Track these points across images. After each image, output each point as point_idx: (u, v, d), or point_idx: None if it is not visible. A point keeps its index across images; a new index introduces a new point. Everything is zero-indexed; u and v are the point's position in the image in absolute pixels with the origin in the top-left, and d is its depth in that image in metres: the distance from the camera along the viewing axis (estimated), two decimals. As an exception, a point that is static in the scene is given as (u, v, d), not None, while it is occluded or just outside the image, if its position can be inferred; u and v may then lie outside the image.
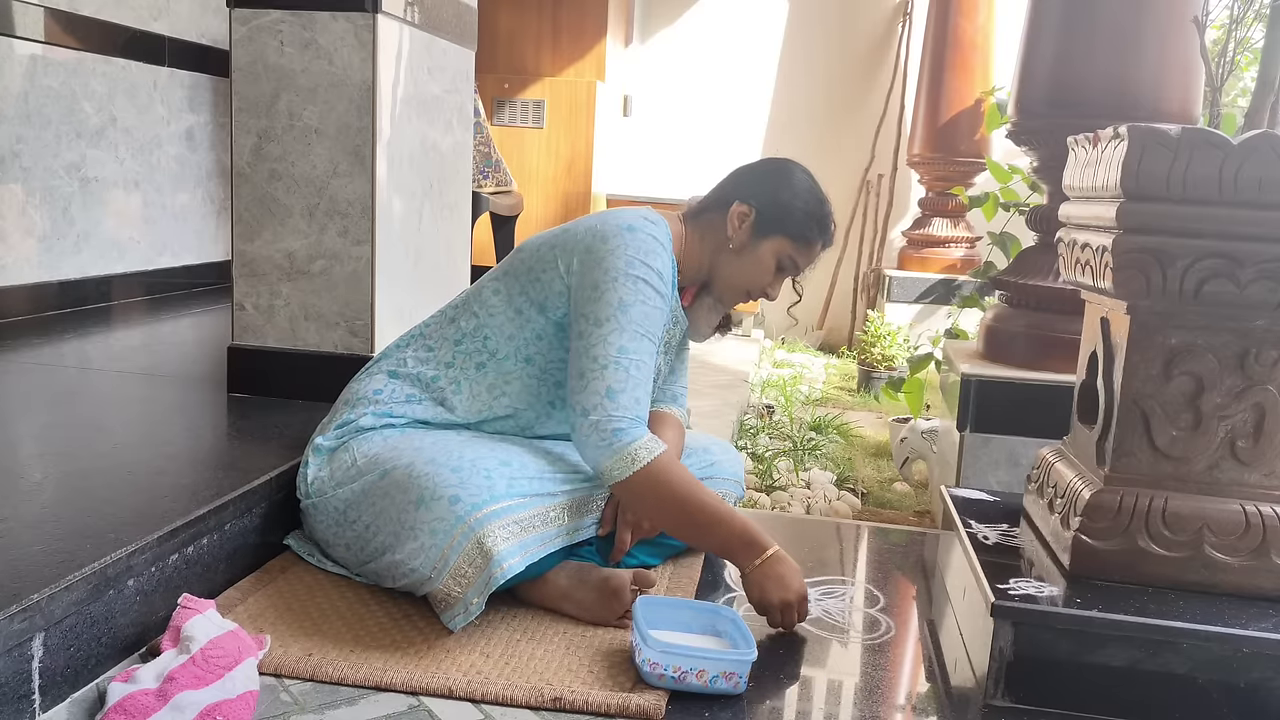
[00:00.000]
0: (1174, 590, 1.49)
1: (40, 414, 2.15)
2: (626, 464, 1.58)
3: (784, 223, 1.77)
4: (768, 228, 1.77)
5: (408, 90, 2.30)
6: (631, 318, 1.64)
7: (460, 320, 1.79)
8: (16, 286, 3.07)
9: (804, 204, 1.78)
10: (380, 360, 1.82)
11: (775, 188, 1.79)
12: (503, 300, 1.76)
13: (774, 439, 3.45)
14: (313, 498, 1.72)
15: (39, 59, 3.10)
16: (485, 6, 3.06)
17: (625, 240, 1.68)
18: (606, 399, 1.60)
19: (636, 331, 1.65)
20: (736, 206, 1.78)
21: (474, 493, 1.52)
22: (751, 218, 1.77)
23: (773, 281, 1.81)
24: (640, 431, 1.60)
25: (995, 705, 1.45)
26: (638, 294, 1.65)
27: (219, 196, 4.06)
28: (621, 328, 1.64)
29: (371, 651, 1.46)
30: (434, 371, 1.76)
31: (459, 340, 1.78)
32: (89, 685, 1.32)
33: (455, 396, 1.75)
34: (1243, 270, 1.43)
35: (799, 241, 1.78)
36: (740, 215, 1.77)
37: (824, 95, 5.74)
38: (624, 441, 1.58)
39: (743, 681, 1.42)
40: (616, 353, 1.62)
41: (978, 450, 2.48)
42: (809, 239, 1.79)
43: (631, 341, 1.64)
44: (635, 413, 1.61)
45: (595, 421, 1.59)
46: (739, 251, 1.79)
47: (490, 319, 1.76)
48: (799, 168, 1.83)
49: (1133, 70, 2.43)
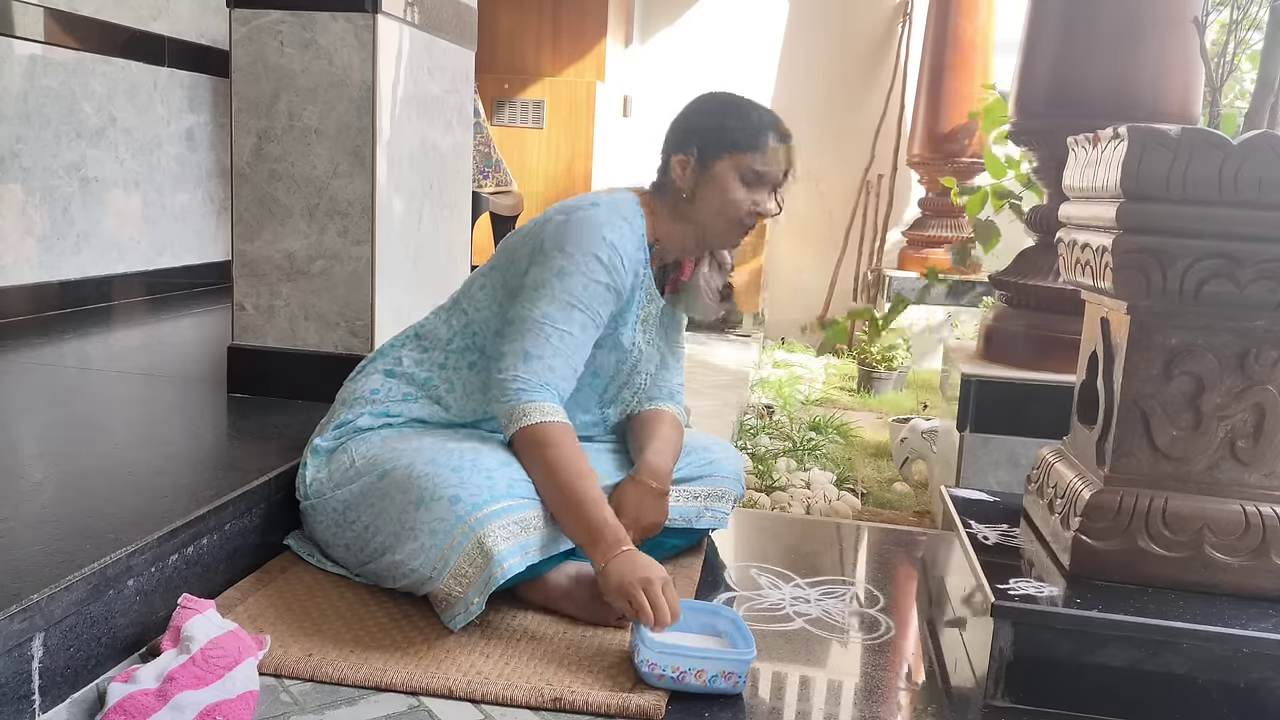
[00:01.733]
0: (1174, 590, 1.49)
1: (40, 414, 2.15)
2: (515, 419, 1.59)
3: (720, 142, 1.72)
4: (708, 157, 1.72)
5: (408, 90, 2.30)
6: (567, 287, 1.64)
7: (452, 319, 1.80)
8: (16, 286, 3.07)
9: (729, 117, 1.73)
10: (376, 359, 1.82)
11: (698, 120, 1.76)
12: (488, 295, 1.77)
13: (774, 439, 3.45)
14: (311, 499, 1.72)
15: (39, 59, 3.10)
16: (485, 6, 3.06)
17: (585, 214, 1.69)
18: (520, 360, 1.61)
19: (567, 301, 1.64)
20: (673, 160, 1.75)
21: (474, 493, 1.52)
22: (691, 160, 1.73)
23: (752, 199, 1.73)
24: (540, 395, 1.60)
25: (995, 705, 1.45)
26: (580, 265, 1.64)
27: (219, 196, 4.06)
28: (553, 295, 1.64)
29: (371, 651, 1.46)
30: (427, 372, 1.76)
31: (450, 339, 1.78)
32: (89, 685, 1.32)
33: (449, 396, 1.75)
34: (1243, 270, 1.43)
35: (747, 150, 1.71)
36: (679, 164, 1.75)
37: (824, 95, 5.74)
38: (519, 400, 1.59)
39: (742, 681, 1.42)
40: (541, 317, 1.63)
41: (978, 450, 2.48)
42: (752, 143, 1.71)
43: (560, 311, 1.63)
44: (545, 379, 1.61)
45: (502, 380, 1.62)
46: (697, 194, 1.74)
47: (478, 315, 1.77)
48: (719, 92, 1.79)
49: (1133, 70, 2.43)
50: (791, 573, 1.89)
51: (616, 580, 1.48)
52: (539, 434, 1.58)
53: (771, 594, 1.79)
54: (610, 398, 1.84)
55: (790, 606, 1.75)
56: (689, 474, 1.88)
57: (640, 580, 1.47)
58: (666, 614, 1.45)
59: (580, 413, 1.82)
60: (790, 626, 1.67)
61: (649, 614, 1.44)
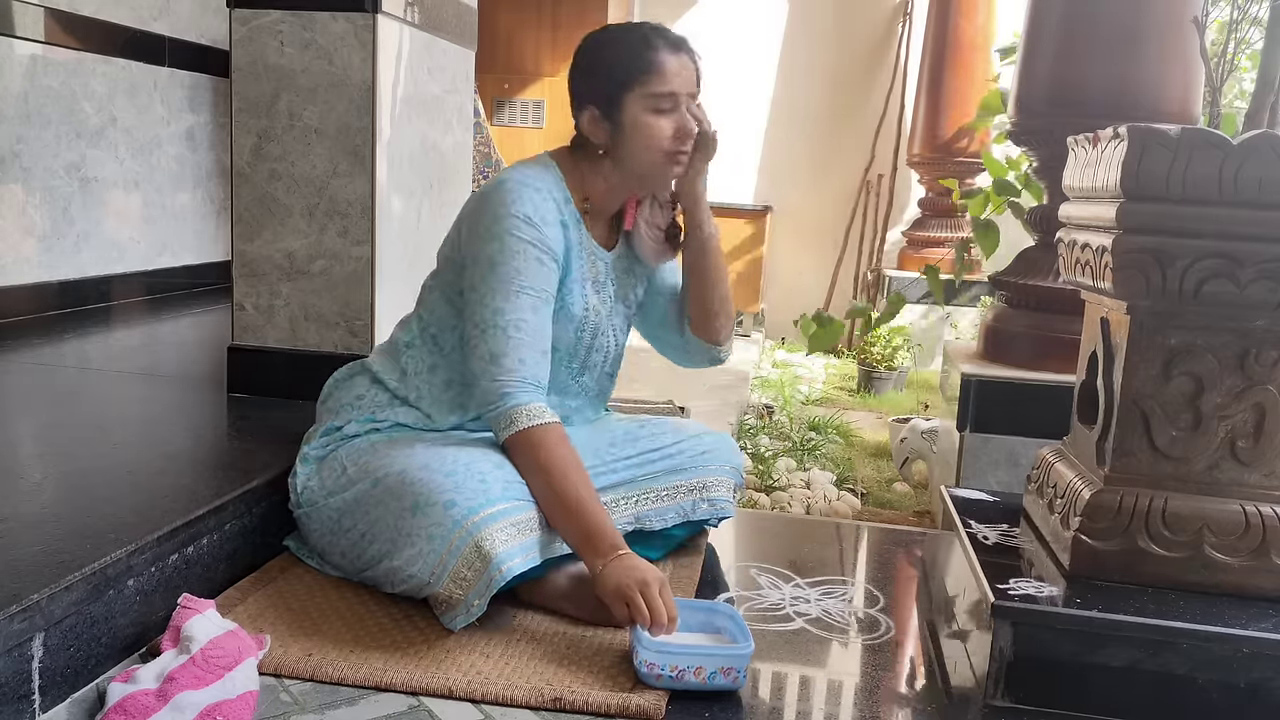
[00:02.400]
0: (1174, 590, 1.49)
1: (40, 414, 2.15)
2: (504, 425, 1.59)
3: (614, 85, 1.65)
4: (610, 104, 1.66)
5: (408, 90, 2.30)
6: (500, 275, 1.62)
7: (410, 323, 1.79)
8: (16, 286, 3.07)
9: (608, 52, 1.68)
10: (358, 366, 1.82)
11: (585, 71, 1.71)
12: (437, 294, 1.76)
13: (774, 439, 3.45)
14: (304, 507, 1.71)
15: (39, 59, 3.10)
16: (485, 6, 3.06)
17: (491, 198, 1.67)
18: (490, 364, 1.61)
19: (509, 290, 1.62)
20: (581, 117, 1.71)
21: (470, 496, 1.52)
22: (596, 112, 1.68)
23: (671, 123, 1.66)
24: (525, 396, 1.60)
25: (995, 705, 1.45)
26: (504, 249, 1.63)
27: (219, 196, 4.06)
28: (492, 289, 1.62)
29: (371, 651, 1.46)
30: (396, 382, 1.75)
31: (409, 344, 1.77)
32: (89, 685, 1.32)
33: (421, 403, 1.74)
34: (1243, 270, 1.43)
35: (639, 78, 1.64)
36: (589, 120, 1.69)
37: (824, 95, 5.74)
38: (505, 405, 1.59)
39: (741, 677, 1.42)
40: (492, 315, 1.62)
41: (978, 450, 2.48)
42: (642, 69, 1.64)
43: (505, 301, 1.62)
44: (521, 374, 1.60)
45: (483, 389, 1.61)
46: (617, 144, 1.68)
47: (431, 315, 1.76)
48: (591, 35, 1.73)
49: (1133, 70, 2.43)
50: (791, 573, 1.89)
51: (613, 584, 1.48)
52: (529, 439, 1.58)
53: (771, 594, 1.79)
54: (579, 367, 1.81)
55: (790, 606, 1.75)
56: (680, 464, 1.86)
57: (637, 583, 1.46)
58: (664, 616, 1.45)
59: (555, 393, 1.79)
60: (790, 626, 1.67)
61: (646, 617, 1.44)
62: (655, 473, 1.83)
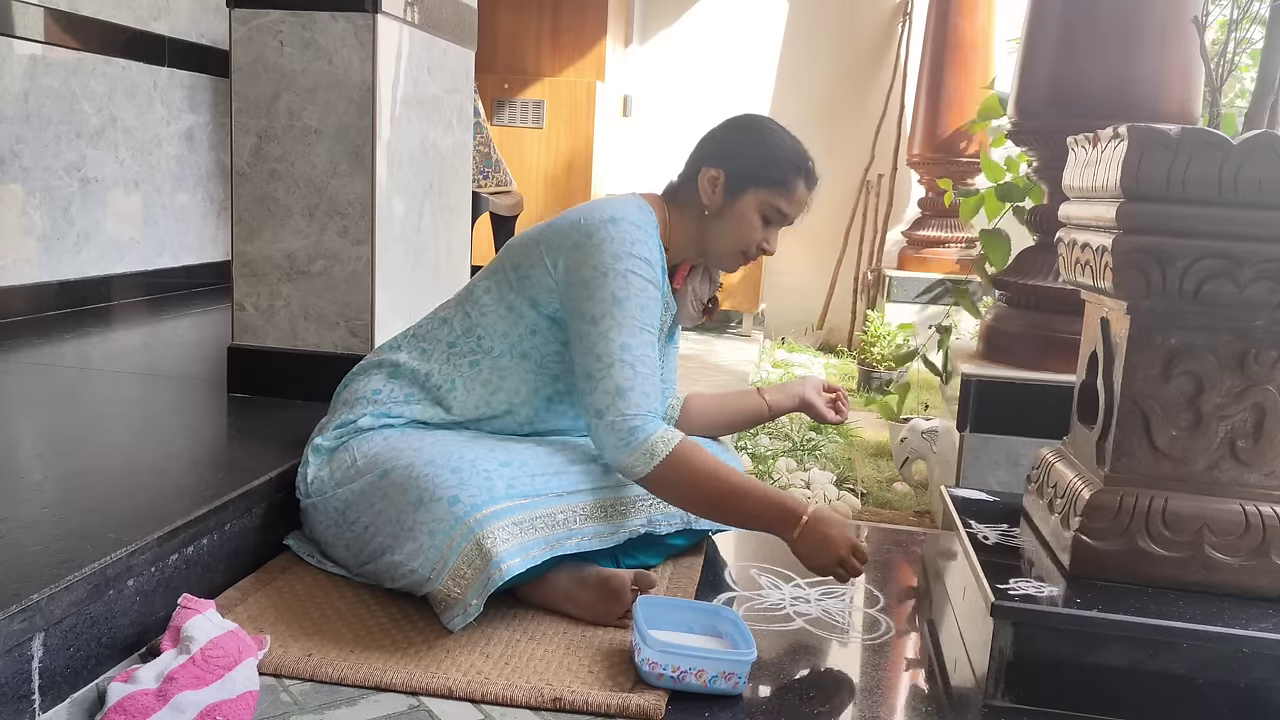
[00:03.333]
0: (1174, 590, 1.49)
1: (40, 414, 2.15)
2: (646, 459, 1.60)
3: (755, 174, 1.76)
4: (740, 183, 1.76)
5: (408, 90, 2.30)
6: (628, 312, 1.65)
7: (453, 321, 1.79)
8: (16, 286, 3.07)
9: (770, 150, 1.77)
10: (376, 359, 1.82)
11: (738, 143, 1.78)
12: (494, 298, 1.77)
13: (774, 439, 3.45)
14: (312, 497, 1.72)
15: (39, 59, 3.10)
16: (485, 6, 3.06)
17: (610, 233, 1.67)
18: (618, 398, 1.61)
19: (635, 325, 1.65)
20: (704, 172, 1.77)
21: (473, 494, 1.52)
22: (722, 179, 1.76)
23: (765, 235, 1.80)
24: (655, 425, 1.62)
25: (995, 705, 1.45)
26: (629, 287, 1.65)
27: (219, 196, 4.06)
28: (619, 324, 1.64)
29: (371, 651, 1.46)
30: (429, 371, 1.76)
31: (453, 342, 1.77)
32: (89, 685, 1.32)
33: (450, 395, 1.75)
34: (1243, 270, 1.43)
35: (777, 188, 1.76)
36: (710, 180, 1.77)
37: (824, 95, 5.74)
38: (640, 438, 1.60)
39: (742, 681, 1.42)
40: (619, 350, 1.63)
41: (978, 450, 2.48)
42: (785, 183, 1.77)
43: (632, 337, 1.64)
44: (647, 407, 1.63)
45: (611, 422, 1.61)
46: (718, 215, 1.78)
47: (483, 318, 1.77)
48: (760, 118, 1.82)
49: (1133, 70, 2.43)
50: (791, 573, 1.89)
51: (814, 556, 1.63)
52: (677, 459, 1.61)
53: (771, 594, 1.79)
54: None
55: (790, 606, 1.75)
56: None
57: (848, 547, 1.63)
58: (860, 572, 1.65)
59: (575, 418, 1.83)
60: (790, 626, 1.67)
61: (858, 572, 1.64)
62: None
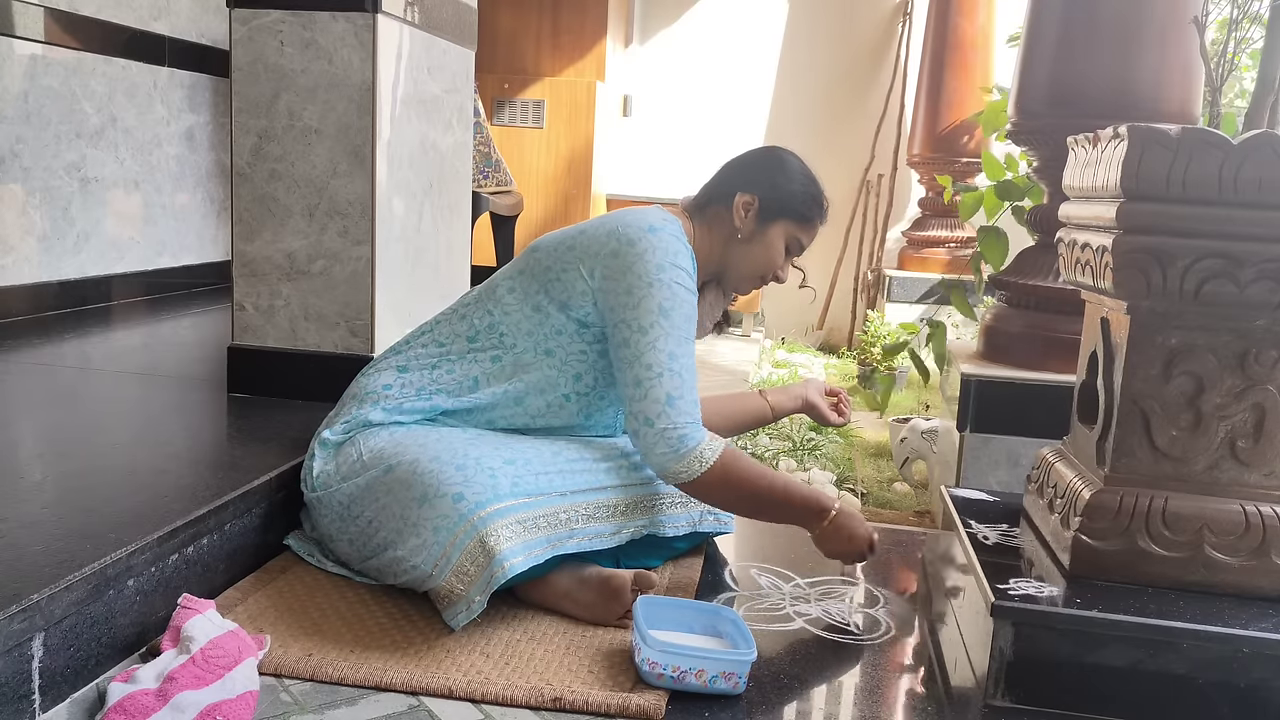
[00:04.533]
0: (1174, 590, 1.49)
1: (40, 414, 2.15)
2: (696, 465, 1.65)
3: (786, 206, 1.83)
4: (771, 213, 1.83)
5: (408, 90, 2.30)
6: (674, 322, 1.68)
7: (473, 317, 1.80)
8: (16, 286, 3.07)
9: (801, 186, 1.85)
10: (389, 356, 1.82)
11: (773, 174, 1.85)
12: (518, 299, 1.77)
13: (774, 439, 3.45)
14: (318, 490, 1.72)
15: (39, 59, 3.10)
16: (485, 6, 3.06)
17: (652, 243, 1.70)
18: (668, 406, 1.64)
19: (680, 335, 1.69)
20: (740, 197, 1.82)
21: (478, 491, 1.53)
22: (755, 206, 1.82)
23: (783, 264, 1.88)
24: (702, 433, 1.67)
25: (995, 705, 1.45)
26: (675, 297, 1.69)
27: (219, 196, 4.06)
28: (667, 333, 1.67)
29: (371, 651, 1.46)
30: (447, 365, 1.76)
31: (473, 336, 1.78)
32: (89, 685, 1.32)
33: (468, 385, 1.76)
34: (1243, 270, 1.43)
35: (802, 222, 1.85)
36: (745, 205, 1.83)
37: (824, 95, 5.74)
38: (689, 446, 1.64)
39: (742, 681, 1.42)
40: (668, 359, 1.66)
41: (978, 450, 2.48)
42: (810, 218, 1.86)
43: (679, 346, 1.68)
44: (694, 415, 1.67)
45: (662, 430, 1.64)
46: (749, 240, 1.84)
47: (506, 316, 1.77)
48: (790, 154, 1.90)
49: (1133, 70, 2.43)
50: (791, 573, 1.89)
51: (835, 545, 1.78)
52: (723, 467, 1.66)
53: (772, 594, 1.80)
54: None
55: (790, 606, 1.75)
56: None
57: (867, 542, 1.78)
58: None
59: (585, 420, 1.83)
60: (790, 626, 1.67)
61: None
62: None
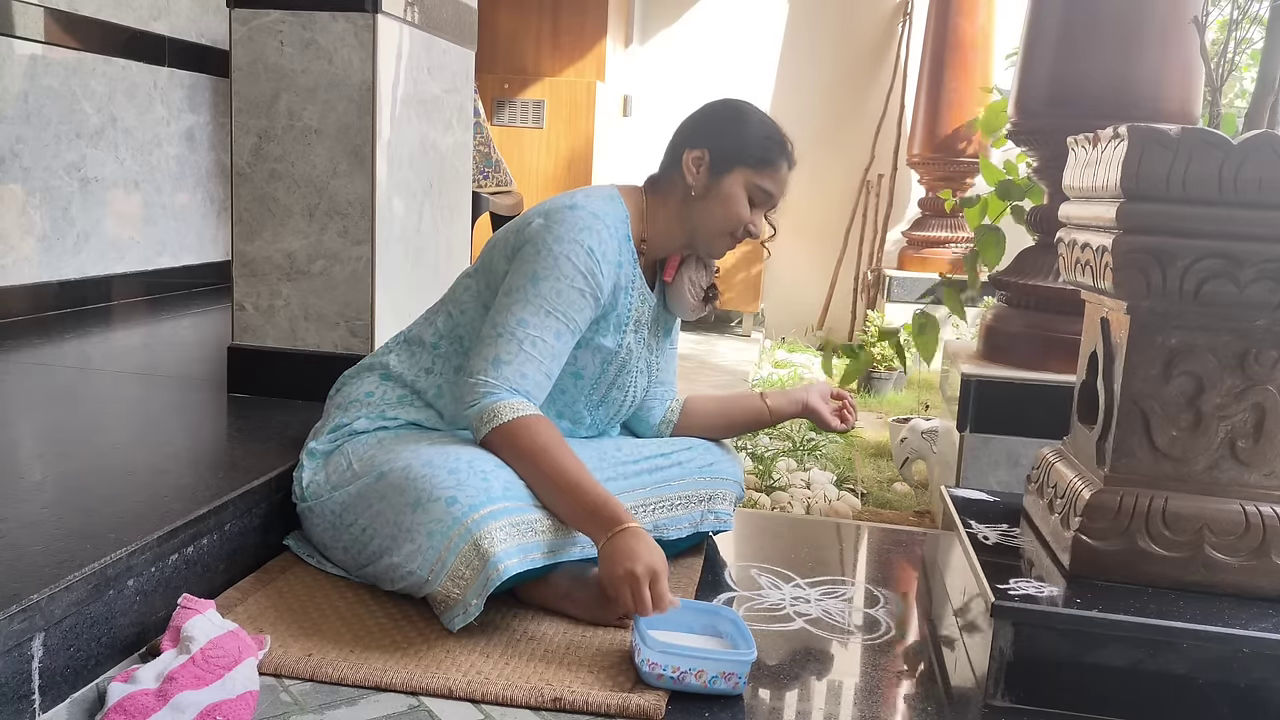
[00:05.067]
0: (1174, 590, 1.49)
1: (40, 414, 2.15)
2: (485, 420, 1.59)
3: (740, 153, 1.74)
4: (725, 163, 1.74)
5: (408, 90, 2.30)
6: (540, 291, 1.63)
7: (437, 321, 1.79)
8: (16, 286, 3.07)
9: (753, 130, 1.76)
10: (369, 362, 1.82)
11: (721, 123, 1.78)
12: (472, 296, 1.77)
13: (774, 439, 3.45)
14: (309, 500, 1.72)
15: (39, 59, 3.10)
16: (485, 6, 3.06)
17: (563, 217, 1.67)
18: (490, 365, 1.61)
19: (542, 307, 1.63)
20: (688, 154, 1.76)
21: (471, 494, 1.52)
22: (706, 159, 1.75)
23: (752, 216, 1.77)
24: (509, 397, 1.60)
25: (995, 705, 1.45)
26: (555, 269, 1.63)
27: (219, 196, 4.06)
28: (527, 299, 1.63)
29: (371, 651, 1.46)
30: (414, 376, 1.76)
31: (436, 343, 1.77)
32: (89, 685, 1.32)
33: (439, 401, 1.75)
34: (1243, 270, 1.43)
35: (761, 166, 1.75)
36: (694, 160, 1.76)
37: (824, 95, 5.74)
38: (486, 401, 1.59)
39: (742, 682, 1.42)
40: (515, 324, 1.62)
41: (978, 450, 2.48)
42: (770, 160, 1.75)
43: (534, 315, 1.63)
44: (515, 384, 1.61)
45: (470, 383, 1.61)
46: (704, 195, 1.76)
47: (463, 316, 1.76)
48: (736, 100, 1.82)
49: (1133, 70, 2.43)
50: (791, 573, 1.89)
51: (618, 567, 1.46)
52: (514, 428, 1.58)
53: (771, 594, 1.79)
54: (598, 399, 1.83)
55: (790, 606, 1.75)
56: (688, 473, 1.88)
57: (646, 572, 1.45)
58: (648, 609, 1.44)
59: (570, 422, 1.82)
60: (790, 626, 1.67)
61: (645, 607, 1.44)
62: (667, 479, 1.84)
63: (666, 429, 1.99)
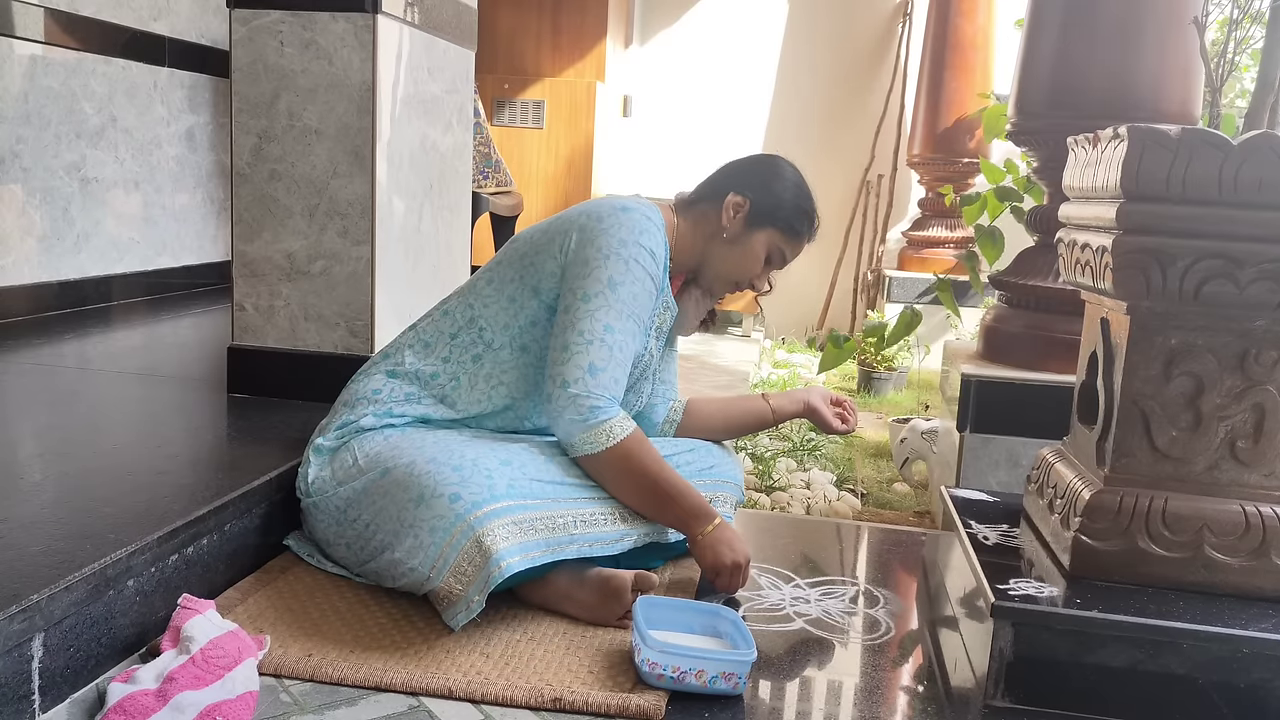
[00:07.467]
0: (1174, 590, 1.49)
1: (40, 414, 2.15)
2: (600, 440, 1.62)
3: (775, 215, 1.83)
4: (760, 219, 1.82)
5: (408, 90, 2.30)
6: (620, 296, 1.67)
7: (455, 313, 1.80)
8: (16, 286, 3.07)
9: (793, 197, 1.85)
10: (378, 360, 1.83)
11: (767, 180, 1.84)
12: (495, 289, 1.78)
13: (774, 439, 3.45)
14: (313, 496, 1.72)
15: (39, 59, 3.10)
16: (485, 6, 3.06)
17: (620, 219, 1.71)
18: (588, 374, 1.63)
19: (623, 311, 1.67)
20: (731, 197, 1.82)
21: (474, 491, 1.52)
22: (745, 208, 1.82)
23: (762, 273, 1.87)
24: (615, 410, 1.64)
25: (995, 705, 1.45)
26: (628, 273, 1.68)
27: (219, 196, 4.06)
28: (609, 305, 1.66)
29: (371, 652, 1.46)
30: (432, 368, 1.77)
31: (454, 334, 1.78)
32: (89, 685, 1.32)
33: (454, 392, 1.76)
34: (1243, 270, 1.43)
35: (789, 234, 1.84)
36: (735, 205, 1.82)
37: (824, 95, 5.74)
38: (599, 419, 1.62)
39: (742, 682, 1.42)
40: (603, 330, 1.65)
41: (978, 450, 2.48)
42: (798, 231, 1.85)
43: (618, 320, 1.66)
44: (613, 392, 1.65)
45: (574, 395, 1.63)
46: (732, 241, 1.83)
47: (485, 309, 1.77)
48: (788, 163, 1.90)
49: (1133, 70, 2.43)
50: (791, 573, 1.89)
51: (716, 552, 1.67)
52: (628, 448, 1.63)
53: (771, 594, 1.79)
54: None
55: (790, 606, 1.75)
56: (689, 474, 1.87)
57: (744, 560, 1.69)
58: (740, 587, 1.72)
59: None
60: (790, 626, 1.67)
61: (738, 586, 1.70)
62: None
63: (669, 429, 2.00)
